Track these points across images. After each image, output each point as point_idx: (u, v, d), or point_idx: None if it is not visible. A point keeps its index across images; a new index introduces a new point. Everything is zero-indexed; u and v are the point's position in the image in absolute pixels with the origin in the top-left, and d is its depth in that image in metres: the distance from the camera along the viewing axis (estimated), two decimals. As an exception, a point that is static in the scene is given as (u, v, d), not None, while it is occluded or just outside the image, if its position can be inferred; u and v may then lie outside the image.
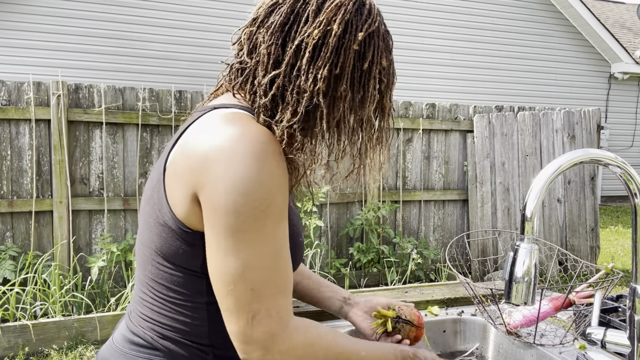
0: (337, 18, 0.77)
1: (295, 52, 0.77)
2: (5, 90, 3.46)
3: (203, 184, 0.74)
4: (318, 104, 0.77)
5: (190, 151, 0.77)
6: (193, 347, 0.82)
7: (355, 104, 0.81)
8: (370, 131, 0.85)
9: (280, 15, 0.79)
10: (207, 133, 0.76)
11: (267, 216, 0.74)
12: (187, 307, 0.82)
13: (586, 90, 9.77)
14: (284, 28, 0.78)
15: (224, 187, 0.72)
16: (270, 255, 0.75)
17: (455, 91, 8.64)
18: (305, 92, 0.76)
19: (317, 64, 0.76)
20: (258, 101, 0.79)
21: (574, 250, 4.83)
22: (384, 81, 0.83)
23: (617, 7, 12.54)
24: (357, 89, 0.80)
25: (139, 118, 3.75)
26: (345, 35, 0.78)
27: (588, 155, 0.85)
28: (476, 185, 4.65)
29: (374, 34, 0.80)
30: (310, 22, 0.77)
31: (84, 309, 3.40)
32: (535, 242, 0.83)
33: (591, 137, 4.89)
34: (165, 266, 0.82)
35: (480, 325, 1.33)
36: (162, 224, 0.80)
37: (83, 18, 6.70)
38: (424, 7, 8.40)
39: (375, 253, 4.26)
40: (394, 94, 4.00)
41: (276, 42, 0.78)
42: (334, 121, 0.80)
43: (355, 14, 0.79)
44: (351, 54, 0.78)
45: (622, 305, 1.27)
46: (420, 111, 4.61)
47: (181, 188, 0.77)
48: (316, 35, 0.76)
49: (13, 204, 3.49)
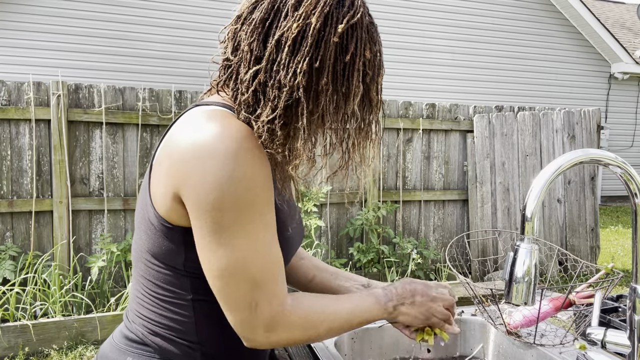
0: (316, 11, 0.76)
1: (276, 47, 0.77)
2: (5, 90, 3.46)
3: (184, 182, 0.76)
4: (299, 98, 0.76)
5: (171, 148, 0.79)
6: (181, 343, 0.84)
7: (338, 98, 0.79)
8: (357, 125, 0.83)
9: (261, 12, 0.79)
10: (187, 130, 0.78)
11: (253, 209, 0.75)
12: (175, 304, 0.83)
13: (586, 90, 9.76)
14: (265, 24, 0.78)
15: (205, 185, 0.73)
16: (262, 246, 0.77)
17: (455, 91, 8.64)
18: (285, 86, 0.76)
19: (297, 58, 0.76)
20: (239, 98, 0.79)
21: (574, 250, 4.83)
22: (369, 73, 0.81)
23: (617, 7, 12.54)
24: (341, 82, 0.79)
25: (139, 118, 3.75)
26: (325, 28, 0.77)
27: (588, 155, 0.85)
28: (476, 185, 4.65)
29: (356, 26, 0.79)
30: (290, 16, 0.77)
31: (84, 309, 3.40)
32: (535, 242, 0.83)
33: (591, 137, 4.89)
34: (153, 263, 0.84)
35: (480, 325, 1.33)
36: (147, 221, 0.83)
37: (83, 18, 6.70)
38: (424, 7, 8.40)
39: (375, 253, 4.26)
40: (394, 93, 4.04)
41: (257, 37, 0.78)
42: (316, 116, 0.79)
43: (337, 6, 0.78)
44: (331, 46, 0.77)
45: (622, 305, 1.27)
46: (420, 111, 4.61)
47: (162, 184, 0.79)
48: (295, 28, 0.76)
49: (13, 204, 3.49)
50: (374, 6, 9.13)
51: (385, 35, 7.70)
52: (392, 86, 8.25)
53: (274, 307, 0.77)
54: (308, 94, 0.77)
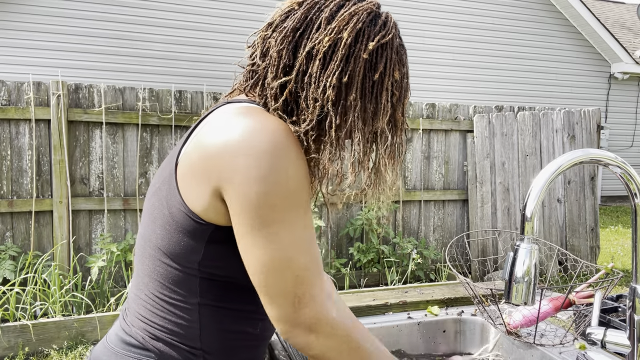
0: (349, 26, 0.77)
1: (306, 59, 0.77)
2: (5, 90, 3.46)
3: (226, 178, 0.74)
4: (328, 112, 0.77)
5: (207, 144, 0.76)
6: (184, 349, 0.81)
7: (367, 115, 0.80)
8: (385, 145, 0.84)
9: (293, 21, 0.79)
10: (223, 126, 0.76)
11: (299, 204, 0.75)
12: (180, 307, 0.81)
13: (586, 90, 9.76)
14: (296, 33, 0.79)
15: (251, 180, 0.72)
16: (306, 241, 0.77)
17: (455, 91, 8.64)
18: (316, 100, 0.77)
19: (327, 72, 0.76)
20: (270, 105, 0.80)
21: (574, 250, 4.83)
22: (396, 94, 0.82)
23: (617, 7, 12.54)
24: (369, 99, 0.79)
25: (139, 118, 3.75)
26: (356, 44, 0.77)
27: (588, 155, 0.85)
28: (476, 185, 4.65)
29: (386, 46, 0.80)
30: (322, 29, 0.77)
31: (83, 309, 3.40)
32: (535, 242, 0.83)
33: (591, 137, 4.89)
34: (163, 261, 0.81)
35: (480, 325, 1.33)
36: (168, 216, 0.80)
37: (83, 18, 6.70)
38: (424, 7, 8.40)
39: (375, 253, 4.26)
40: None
41: (287, 46, 0.78)
42: (344, 131, 0.79)
43: (370, 25, 0.79)
44: (361, 62, 0.77)
45: (622, 305, 1.27)
46: (420, 111, 4.61)
47: (198, 181, 0.77)
48: (327, 42, 0.76)
49: (13, 204, 3.49)
50: (374, 6, 9.22)
51: (385, 35, 7.72)
52: (392, 86, 8.25)
53: (317, 304, 0.77)
54: (336, 109, 0.78)
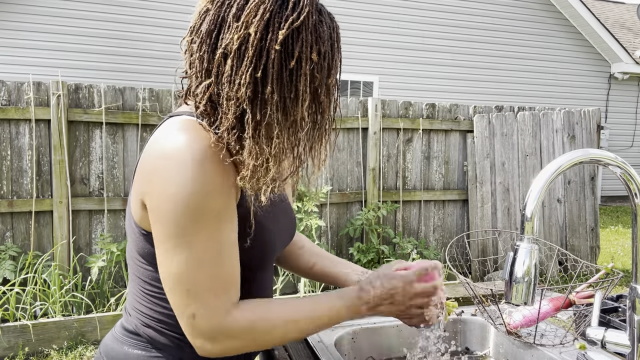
0: (255, 19, 0.75)
1: (223, 60, 0.76)
2: (5, 90, 3.46)
3: (147, 191, 0.81)
4: (245, 109, 0.76)
5: (144, 158, 0.83)
6: (171, 335, 0.88)
7: (286, 105, 0.77)
8: (307, 131, 0.81)
9: (207, 24, 0.78)
10: (158, 142, 0.81)
11: (203, 220, 0.77)
12: (163, 299, 0.86)
13: (586, 90, 9.77)
14: (212, 36, 0.78)
15: (161, 194, 0.78)
16: (207, 257, 0.79)
17: (455, 91, 8.64)
18: (232, 99, 0.76)
19: (241, 70, 0.75)
20: (199, 109, 0.80)
21: (574, 250, 4.83)
22: (317, 77, 0.78)
23: (617, 7, 12.54)
24: (288, 88, 0.77)
25: (139, 118, 3.75)
26: (267, 36, 0.75)
27: (588, 155, 0.85)
28: (476, 185, 4.65)
29: (301, 28, 0.76)
30: (232, 27, 0.76)
31: (83, 309, 3.40)
32: (535, 242, 0.83)
33: (591, 137, 4.89)
34: (141, 262, 0.89)
35: (480, 325, 1.33)
36: (130, 227, 0.89)
37: (83, 18, 6.70)
38: (424, 7, 8.40)
39: (375, 253, 4.26)
40: (394, 93, 4.03)
41: (207, 49, 0.78)
42: (263, 125, 0.77)
43: (279, 10, 0.76)
44: (274, 54, 0.75)
45: (622, 305, 1.27)
46: (420, 111, 4.61)
47: (135, 192, 0.85)
48: (237, 40, 0.75)
49: (13, 204, 3.49)
50: (374, 6, 9.05)
51: (385, 35, 7.71)
52: (392, 86, 8.26)
53: (211, 319, 0.79)
54: (254, 104, 0.76)
